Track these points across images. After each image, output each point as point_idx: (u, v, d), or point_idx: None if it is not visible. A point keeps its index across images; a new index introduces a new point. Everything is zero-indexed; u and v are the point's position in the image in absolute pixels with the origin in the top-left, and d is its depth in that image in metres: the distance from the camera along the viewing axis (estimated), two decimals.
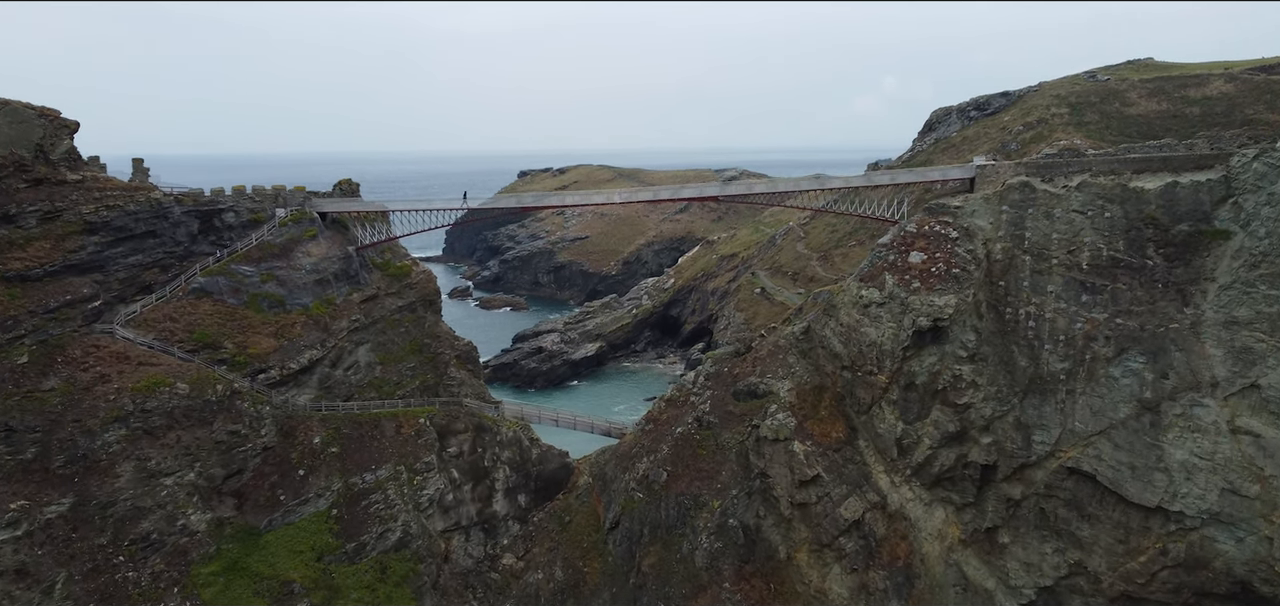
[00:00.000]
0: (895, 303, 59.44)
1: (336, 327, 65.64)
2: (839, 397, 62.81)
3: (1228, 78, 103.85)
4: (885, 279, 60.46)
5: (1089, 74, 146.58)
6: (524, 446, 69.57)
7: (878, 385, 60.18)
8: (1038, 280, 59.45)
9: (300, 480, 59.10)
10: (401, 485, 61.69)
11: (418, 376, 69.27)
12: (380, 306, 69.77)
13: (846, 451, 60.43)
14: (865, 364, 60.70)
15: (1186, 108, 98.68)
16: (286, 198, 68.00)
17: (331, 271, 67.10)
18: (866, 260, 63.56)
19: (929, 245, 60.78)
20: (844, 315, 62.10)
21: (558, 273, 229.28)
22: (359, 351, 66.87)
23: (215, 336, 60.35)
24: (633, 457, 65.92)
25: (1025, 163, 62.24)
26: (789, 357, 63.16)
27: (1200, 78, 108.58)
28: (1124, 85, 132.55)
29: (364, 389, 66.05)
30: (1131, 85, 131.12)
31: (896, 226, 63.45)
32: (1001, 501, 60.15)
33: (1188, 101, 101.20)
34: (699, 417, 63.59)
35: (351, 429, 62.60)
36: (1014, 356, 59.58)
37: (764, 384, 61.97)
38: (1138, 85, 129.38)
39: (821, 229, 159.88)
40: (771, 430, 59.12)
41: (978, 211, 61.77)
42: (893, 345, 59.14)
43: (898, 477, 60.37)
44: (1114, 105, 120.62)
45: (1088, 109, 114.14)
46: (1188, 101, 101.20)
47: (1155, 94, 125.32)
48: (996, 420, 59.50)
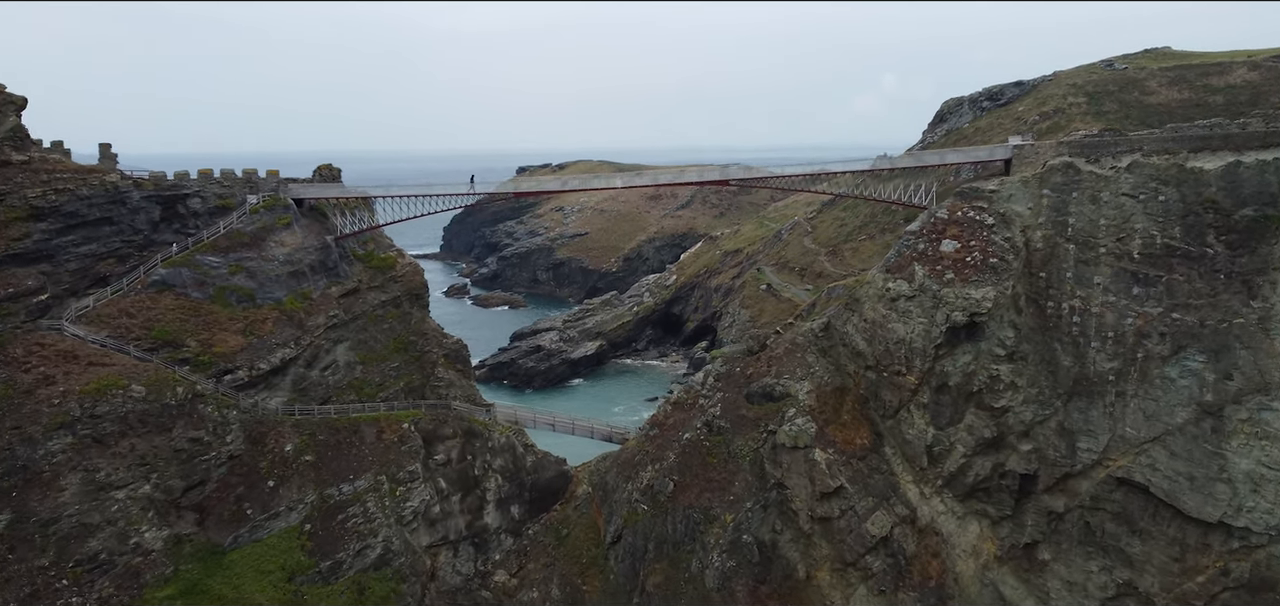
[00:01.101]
0: (926, 296, 53.92)
1: (312, 324, 60.10)
2: (862, 400, 57.30)
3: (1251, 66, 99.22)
4: (914, 270, 54.95)
5: (1106, 62, 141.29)
6: (517, 453, 64.06)
7: (906, 386, 54.67)
8: (1083, 271, 53.93)
9: (270, 492, 53.57)
10: (382, 497, 56.20)
11: (402, 377, 63.75)
12: (361, 301, 64.24)
13: (872, 460, 54.92)
14: (892, 363, 55.18)
15: (1209, 96, 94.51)
16: (258, 183, 62.48)
17: (308, 263, 61.56)
18: (893, 249, 58.10)
19: (962, 233, 55.28)
20: (868, 310, 56.57)
21: (557, 269, 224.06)
22: (337, 350, 61.33)
23: (176, 333, 54.80)
24: (636, 465, 60.42)
25: (1068, 142, 56.75)
26: (808, 356, 57.65)
27: (1223, 66, 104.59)
28: (1143, 74, 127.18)
29: (342, 391, 60.53)
30: (1150, 74, 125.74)
31: (925, 212, 57.89)
32: (1042, 514, 54.66)
33: (1211, 90, 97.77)
34: (709, 422, 58.09)
35: (328, 435, 57.07)
36: (1057, 355, 54.07)
37: (781, 385, 56.46)
38: (1157, 74, 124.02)
39: (829, 223, 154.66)
40: (789, 436, 53.62)
41: (1015, 196, 56.25)
42: (923, 342, 53.63)
43: (928, 488, 54.89)
44: (1133, 94, 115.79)
45: (1106, 98, 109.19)
46: (1211, 90, 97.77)
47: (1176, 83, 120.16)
48: (1037, 425, 54.00)
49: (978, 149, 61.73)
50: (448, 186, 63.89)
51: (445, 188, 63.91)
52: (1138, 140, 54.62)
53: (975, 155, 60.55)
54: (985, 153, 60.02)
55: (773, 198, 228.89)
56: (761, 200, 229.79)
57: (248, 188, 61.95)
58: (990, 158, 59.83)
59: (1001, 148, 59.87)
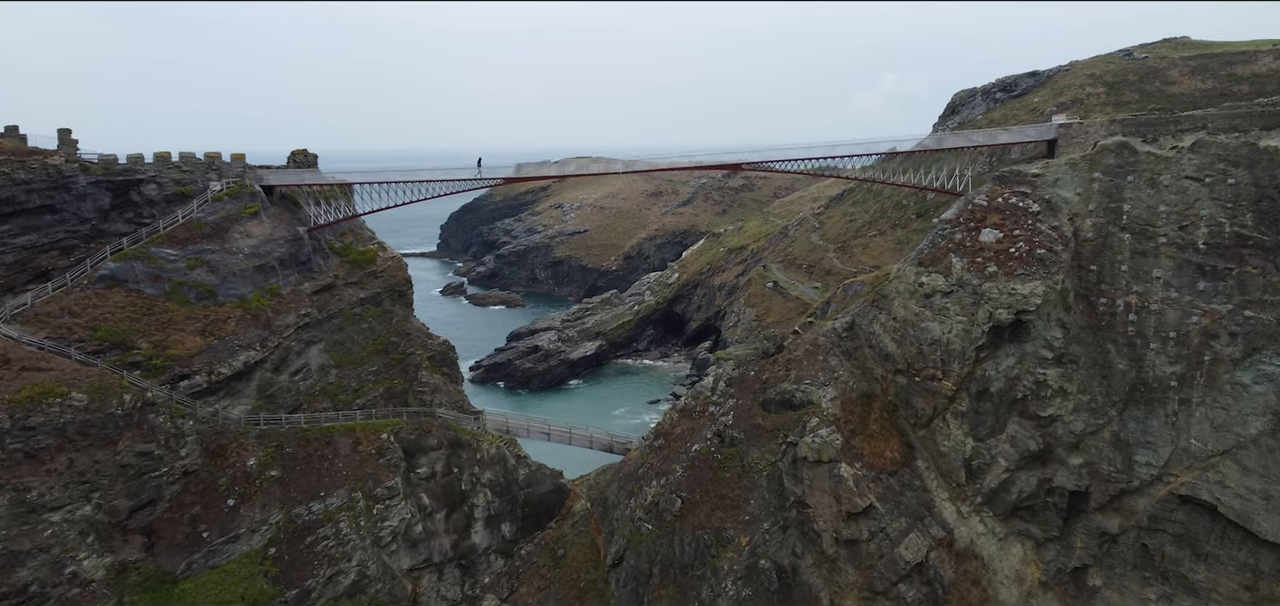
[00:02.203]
0: (965, 291, 48.11)
1: (281, 323, 54.32)
2: (890, 408, 51.48)
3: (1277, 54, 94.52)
4: (951, 262, 49.14)
5: (1124, 52, 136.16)
6: (509, 465, 58.26)
7: (942, 393, 48.87)
8: (1140, 263, 48.14)
9: (229, 512, 47.84)
10: (358, 516, 50.45)
11: (382, 381, 57.96)
12: (337, 298, 58.46)
13: (903, 475, 49.10)
14: (926, 367, 49.37)
15: (1234, 85, 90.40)
16: (222, 168, 56.65)
17: (277, 256, 55.76)
18: (926, 240, 52.25)
19: (1004, 221, 49.46)
20: (899, 307, 50.75)
21: (556, 268, 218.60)
22: (309, 352, 55.55)
23: (126, 334, 49.04)
24: (639, 479, 54.64)
25: (1122, 120, 50.99)
26: (830, 359, 51.82)
27: (1247, 54, 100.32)
28: (1164, 63, 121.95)
29: (314, 397, 54.76)
30: (1172, 63, 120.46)
31: (962, 199, 52.07)
32: (1094, 536, 48.88)
33: (1235, 79, 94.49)
34: (720, 432, 52.30)
35: (297, 447, 51.32)
36: (1110, 358, 48.27)
37: (801, 391, 50.64)
38: (1179, 63, 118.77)
39: (838, 219, 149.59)
40: (812, 448, 47.81)
41: (1062, 180, 50.44)
42: (963, 344, 47.82)
43: (966, 507, 49.09)
44: (1155, 84, 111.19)
45: (1126, 87, 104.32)
46: (1235, 79, 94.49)
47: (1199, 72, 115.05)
48: (1089, 436, 48.23)
49: (1021, 128, 55.87)
50: (433, 171, 57.99)
51: (431, 173, 58.04)
52: (1202, 117, 48.87)
53: (1019, 135, 54.69)
54: (1033, 132, 54.14)
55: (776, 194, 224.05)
56: (764, 197, 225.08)
57: (210, 173, 56.12)
58: (1036, 138, 53.94)
59: (1044, 127, 54.05)
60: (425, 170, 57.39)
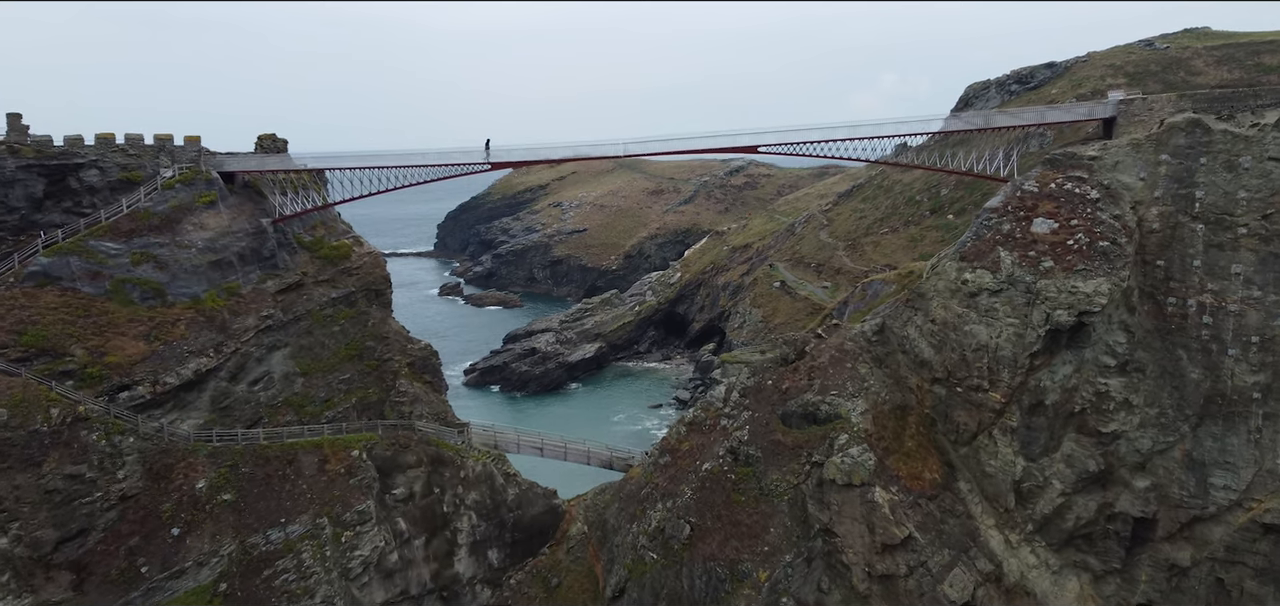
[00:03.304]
0: (1017, 289, 42.01)
1: (240, 326, 48.25)
2: (927, 422, 45.42)
3: None
4: (999, 256, 43.03)
5: (1145, 42, 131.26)
6: (497, 484, 52.18)
7: (989, 406, 42.79)
8: (1216, 258, 42.13)
9: (173, 543, 41.78)
10: (323, 544, 44.41)
11: (354, 391, 51.89)
12: (306, 298, 52.39)
13: (944, 499, 43.01)
14: (969, 376, 43.29)
15: (1262, 75, 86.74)
16: (175, 152, 50.55)
17: (236, 250, 49.70)
18: (969, 231, 46.15)
19: (1059, 209, 43.38)
20: (938, 308, 44.65)
21: (554, 267, 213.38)
22: (272, 358, 49.47)
23: (57, 339, 42.98)
24: (643, 501, 48.58)
25: (1192, 95, 44.95)
26: (859, 367, 45.69)
27: (1274, 44, 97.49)
28: (1187, 53, 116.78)
29: (277, 410, 48.68)
30: (1196, 52, 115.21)
31: (1008, 185, 45.97)
32: (1161, 569, 42.91)
33: (1264, 69, 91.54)
34: (734, 449, 46.21)
35: (254, 466, 45.25)
36: (1182, 366, 42.26)
37: (827, 403, 44.53)
38: (1203, 52, 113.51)
39: (847, 215, 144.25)
40: (841, 470, 41.71)
41: (1123, 163, 44.37)
42: (1014, 350, 41.73)
43: (1015, 535, 43.02)
44: (1178, 75, 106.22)
45: (1149, 78, 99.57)
46: (1264, 69, 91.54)
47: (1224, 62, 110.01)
48: (1157, 456, 42.23)
49: (1072, 106, 49.81)
50: (411, 156, 51.77)
51: (408, 158, 51.79)
52: None
53: (1068, 112, 48.62)
54: (1083, 111, 48.07)
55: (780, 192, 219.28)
56: (768, 194, 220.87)
57: (161, 157, 50.00)
58: (1090, 116, 47.83)
59: (1101, 104, 47.95)
60: (403, 155, 51.28)
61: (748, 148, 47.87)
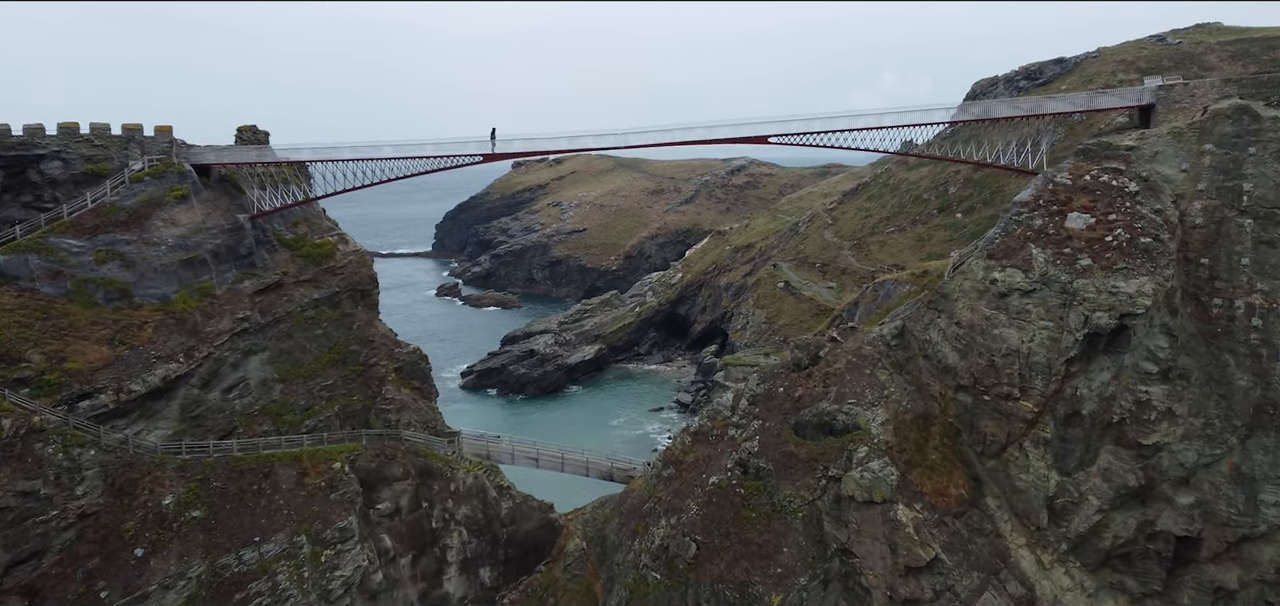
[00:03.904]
0: (1052, 289, 38.76)
1: (213, 330, 45.05)
2: (951, 432, 42.17)
3: None
4: (1031, 254, 39.78)
5: (1157, 37, 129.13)
6: (490, 497, 48.97)
7: (1020, 416, 39.54)
8: (1266, 255, 38.88)
9: (137, 565, 38.54)
10: (300, 565, 41.21)
11: (338, 398, 48.71)
12: (286, 299, 49.20)
13: (972, 517, 39.76)
14: (998, 383, 40.04)
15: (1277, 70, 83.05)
16: (145, 143, 47.31)
17: (210, 248, 46.50)
18: (996, 226, 42.91)
19: (1095, 203, 40.15)
20: (964, 309, 41.40)
21: (553, 268, 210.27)
22: (248, 364, 46.26)
23: (11, 344, 39.74)
24: (645, 517, 45.35)
25: (1238, 80, 41.75)
26: (878, 373, 42.43)
27: None
28: (1200, 47, 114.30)
29: (253, 419, 45.48)
30: (1209, 47, 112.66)
31: (1039, 178, 42.71)
32: (1206, 591, 39.62)
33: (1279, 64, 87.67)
34: (743, 461, 42.96)
35: (227, 481, 42.03)
36: (1229, 372, 39.00)
37: (844, 412, 41.26)
38: (1216, 47, 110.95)
39: (852, 214, 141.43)
40: (861, 485, 38.45)
41: (1163, 153, 41.13)
42: (1049, 355, 38.47)
43: (1048, 555, 39.77)
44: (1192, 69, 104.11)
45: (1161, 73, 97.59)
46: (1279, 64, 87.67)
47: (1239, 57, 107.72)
48: (1202, 470, 38.96)
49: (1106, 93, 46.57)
50: (399, 147, 48.54)
51: (396, 149, 48.56)
52: None
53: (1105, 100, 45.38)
54: (1118, 98, 44.85)
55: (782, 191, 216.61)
56: (770, 194, 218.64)
57: (129, 149, 46.75)
58: (1122, 103, 44.59)
59: (1136, 91, 44.71)
60: (390, 146, 48.06)
61: (757, 138, 44.65)
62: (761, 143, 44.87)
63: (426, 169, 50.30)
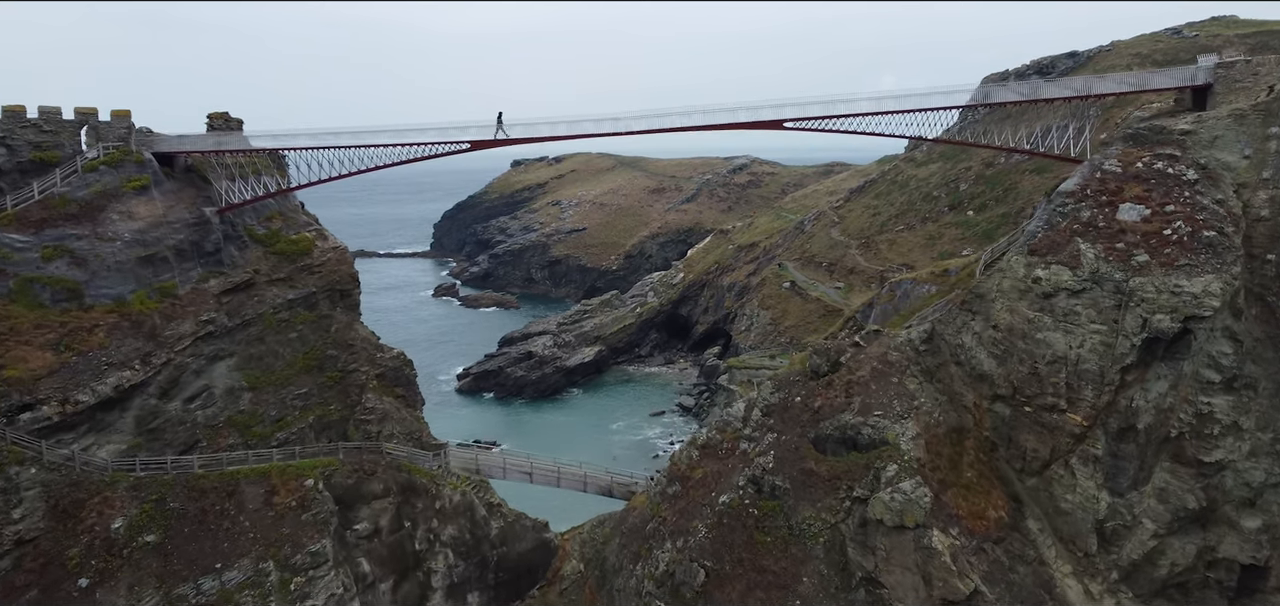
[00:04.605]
0: (1104, 289, 34.72)
1: (174, 333, 41.00)
2: (987, 447, 38.14)
3: None
4: (1079, 249, 35.74)
5: (1173, 30, 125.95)
6: (478, 516, 44.90)
7: (1066, 429, 35.50)
8: None
9: (81, 596, 34.49)
10: (267, 594, 37.15)
11: (313, 408, 44.65)
12: (257, 300, 45.15)
13: (1012, 542, 35.70)
14: (1041, 393, 36.00)
15: None
16: (100, 129, 43.25)
17: (171, 244, 42.48)
18: (1037, 218, 38.85)
19: (1150, 193, 36.13)
20: (1002, 311, 37.34)
21: (552, 267, 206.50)
22: (214, 370, 42.21)
23: None
24: (649, 538, 41.34)
25: None
26: (907, 382, 38.37)
27: None
28: (1217, 40, 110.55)
29: (217, 431, 41.43)
30: (1227, 40, 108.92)
31: (1085, 165, 38.68)
32: None
33: None
34: (757, 479, 38.90)
35: (187, 500, 37.98)
36: None
37: (870, 425, 37.21)
38: (1235, 40, 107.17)
39: (859, 212, 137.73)
40: (891, 508, 34.39)
41: (1223, 138, 37.12)
42: (1101, 362, 34.44)
43: (1097, 585, 35.70)
44: None
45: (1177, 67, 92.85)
46: None
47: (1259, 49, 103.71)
48: (1271, 489, 34.84)
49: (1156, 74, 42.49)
50: (381, 134, 44.42)
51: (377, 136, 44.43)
52: None
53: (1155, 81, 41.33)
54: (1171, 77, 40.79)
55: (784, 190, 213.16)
56: (772, 193, 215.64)
57: (81, 135, 42.68)
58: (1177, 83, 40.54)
59: (1190, 70, 40.66)
60: (370, 132, 43.97)
61: (773, 122, 40.65)
62: (777, 127, 40.90)
63: (412, 157, 46.22)
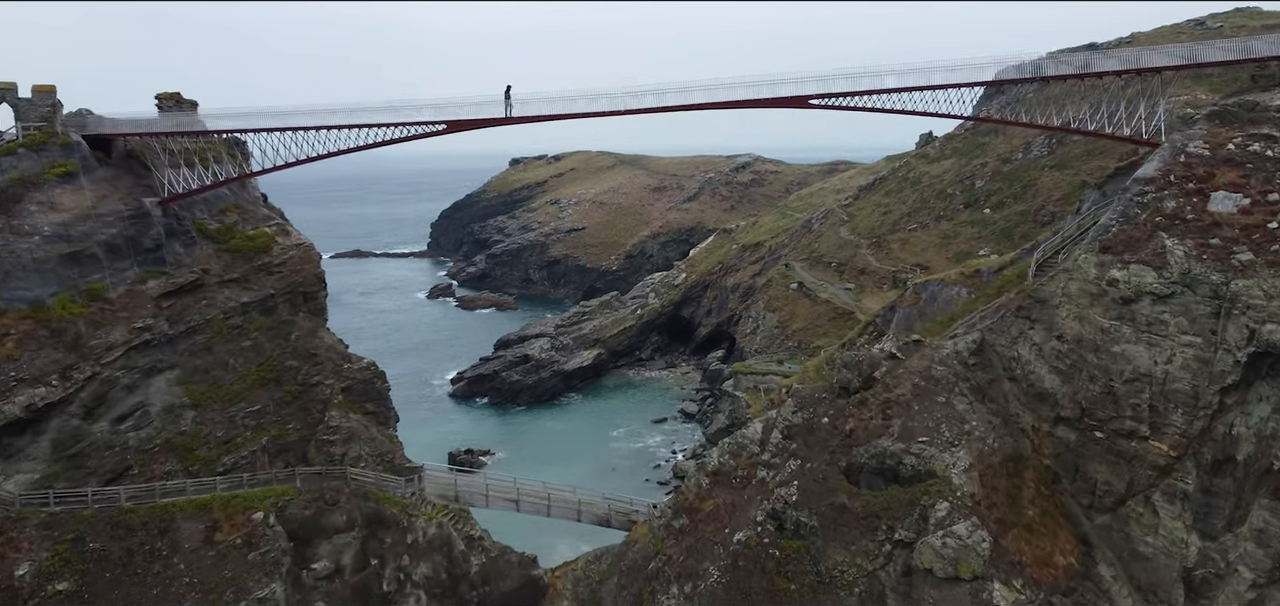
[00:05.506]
0: (1198, 293, 29.08)
1: (103, 343, 35.41)
2: (1048, 477, 32.51)
3: None
4: (1165, 246, 30.09)
5: (1196, 22, 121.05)
6: (456, 552, 39.23)
7: (1149, 460, 29.87)
8: None
9: None
10: None
11: (267, 427, 39.07)
12: (206, 303, 39.56)
13: (1083, 592, 30.04)
14: (1117, 416, 30.38)
15: None
16: (20, 106, 37.68)
17: (102, 239, 36.92)
18: (1110, 211, 33.16)
19: (1248, 180, 30.49)
20: (1068, 319, 31.70)
21: (551, 268, 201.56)
22: (150, 385, 36.62)
23: None
24: (651, 579, 35.73)
25: None
26: (956, 402, 32.70)
27: None
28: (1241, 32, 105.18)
29: (152, 456, 35.85)
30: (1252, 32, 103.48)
31: (1164, 147, 33.05)
32: None
33: None
34: (778, 514, 33.25)
35: (110, 540, 32.42)
36: None
37: (913, 454, 31.57)
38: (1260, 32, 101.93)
39: (869, 210, 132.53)
40: (942, 556, 28.74)
41: None
42: (1196, 381, 28.79)
43: None
44: None
45: None
46: None
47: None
48: None
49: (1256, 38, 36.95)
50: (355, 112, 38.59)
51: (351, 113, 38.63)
52: None
53: (1255, 47, 35.84)
54: (1270, 45, 35.26)
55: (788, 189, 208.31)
56: (776, 192, 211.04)
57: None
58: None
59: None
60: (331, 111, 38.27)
61: (796, 98, 35.07)
62: (801, 104, 35.37)
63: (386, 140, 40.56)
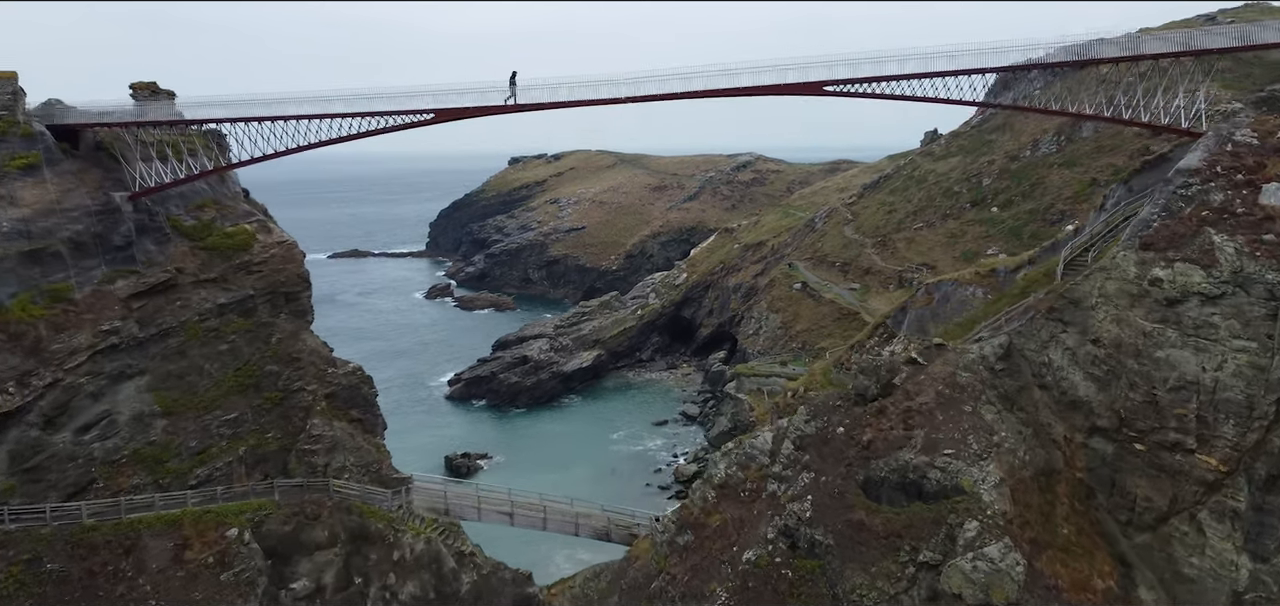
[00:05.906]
0: (1251, 294, 26.67)
1: (65, 347, 33.00)
2: (1083, 491, 30.10)
3: None
4: (1213, 242, 27.68)
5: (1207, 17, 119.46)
6: (446, 569, 36.82)
7: (1195, 475, 27.48)
8: None
9: None
10: None
11: (245, 437, 36.68)
12: (179, 304, 37.16)
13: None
14: (1160, 427, 27.98)
15: None
16: None
17: (66, 236, 34.54)
18: (1151, 205, 30.75)
19: None
20: (1105, 322, 29.30)
21: (550, 267, 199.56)
22: (118, 392, 34.21)
23: None
24: (654, 599, 33.32)
25: None
26: (983, 411, 30.28)
27: None
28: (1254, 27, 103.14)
29: (119, 468, 33.43)
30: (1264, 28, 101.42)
31: (1208, 137, 30.68)
32: None
33: None
34: (790, 531, 30.85)
35: (71, 559, 30.04)
36: None
37: (938, 467, 29.17)
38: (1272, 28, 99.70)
39: (874, 209, 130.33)
40: (972, 581, 26.33)
41: None
42: (1250, 390, 26.38)
43: None
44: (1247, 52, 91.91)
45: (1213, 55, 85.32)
46: None
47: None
48: None
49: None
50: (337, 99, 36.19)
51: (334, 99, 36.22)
52: None
53: None
54: None
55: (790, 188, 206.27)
56: (777, 191, 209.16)
57: None
58: None
59: None
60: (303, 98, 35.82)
61: (809, 84, 32.72)
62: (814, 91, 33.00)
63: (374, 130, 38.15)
